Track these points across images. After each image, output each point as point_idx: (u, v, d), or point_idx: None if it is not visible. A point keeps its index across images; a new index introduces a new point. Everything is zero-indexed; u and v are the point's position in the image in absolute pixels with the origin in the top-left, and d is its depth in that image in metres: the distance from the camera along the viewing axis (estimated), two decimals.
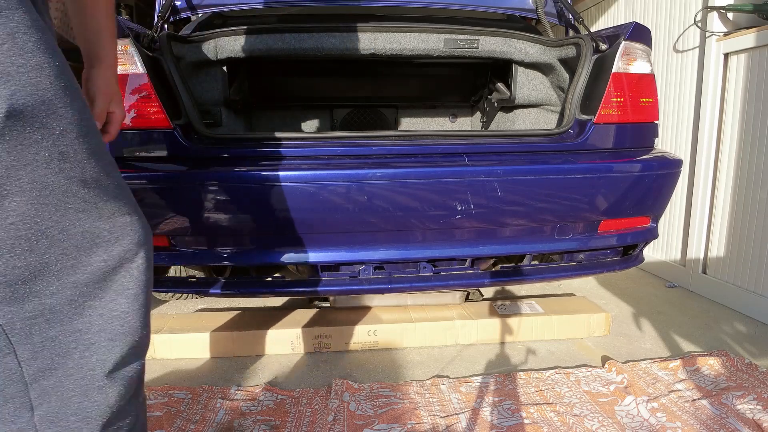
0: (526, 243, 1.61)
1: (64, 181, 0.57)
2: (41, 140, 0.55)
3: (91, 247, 0.60)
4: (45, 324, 0.58)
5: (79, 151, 0.59)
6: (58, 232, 0.57)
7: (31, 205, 0.55)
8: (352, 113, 2.79)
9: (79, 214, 0.59)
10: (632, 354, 1.73)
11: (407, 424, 1.30)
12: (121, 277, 0.63)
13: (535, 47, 1.90)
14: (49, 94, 0.56)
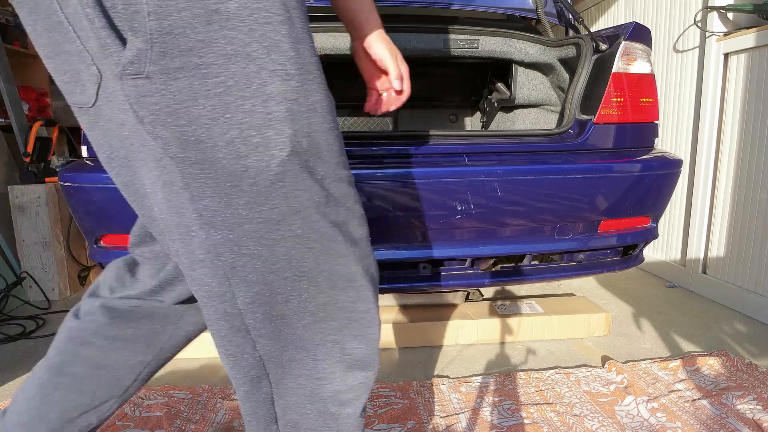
0: (526, 243, 1.61)
1: (328, 226, 0.57)
2: (311, 185, 0.54)
3: (345, 287, 0.61)
4: (293, 351, 0.61)
5: (336, 195, 0.58)
6: (317, 273, 0.58)
7: (298, 250, 0.56)
8: (352, 113, 2.80)
9: (339, 258, 0.59)
10: (632, 354, 1.73)
11: (407, 424, 1.30)
12: (364, 316, 0.64)
13: (535, 47, 1.90)
14: (318, 137, 0.54)
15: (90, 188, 1.43)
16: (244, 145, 0.50)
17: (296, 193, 0.53)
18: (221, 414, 1.36)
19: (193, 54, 0.46)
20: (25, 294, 2.33)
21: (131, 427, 1.30)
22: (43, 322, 2.08)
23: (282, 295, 0.57)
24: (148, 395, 1.45)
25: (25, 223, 2.33)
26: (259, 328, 0.59)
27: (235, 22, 0.47)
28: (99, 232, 1.52)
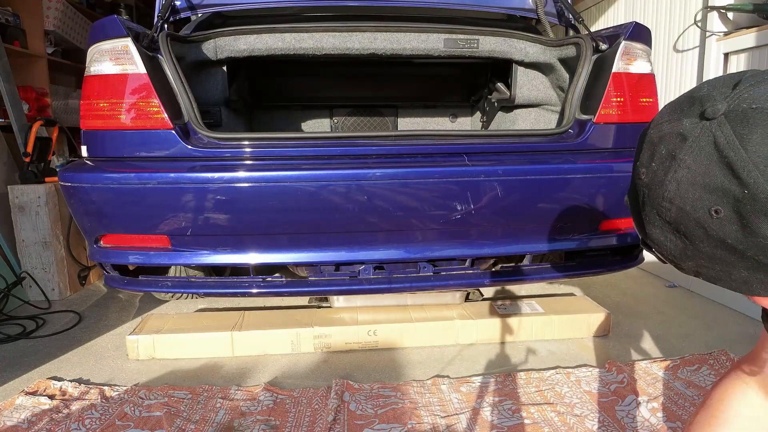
0: (526, 243, 1.61)
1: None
2: None
3: None
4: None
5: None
6: None
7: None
8: (352, 113, 2.79)
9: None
10: (632, 354, 1.73)
11: (407, 424, 1.30)
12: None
13: (535, 47, 1.90)
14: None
15: (90, 188, 1.43)
16: None
17: None
18: (221, 414, 1.36)
19: None
20: (25, 294, 2.33)
21: (131, 427, 1.30)
22: (43, 322, 2.08)
23: None
24: (148, 395, 1.45)
25: (25, 223, 2.33)
26: None
27: None
28: (99, 232, 1.52)
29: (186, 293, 2.17)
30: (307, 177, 1.40)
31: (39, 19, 3.28)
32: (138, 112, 1.42)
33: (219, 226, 1.45)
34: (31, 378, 1.59)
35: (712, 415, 0.75)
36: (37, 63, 3.30)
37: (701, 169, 0.44)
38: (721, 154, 0.43)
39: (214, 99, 1.91)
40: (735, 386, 0.74)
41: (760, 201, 0.41)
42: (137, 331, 1.76)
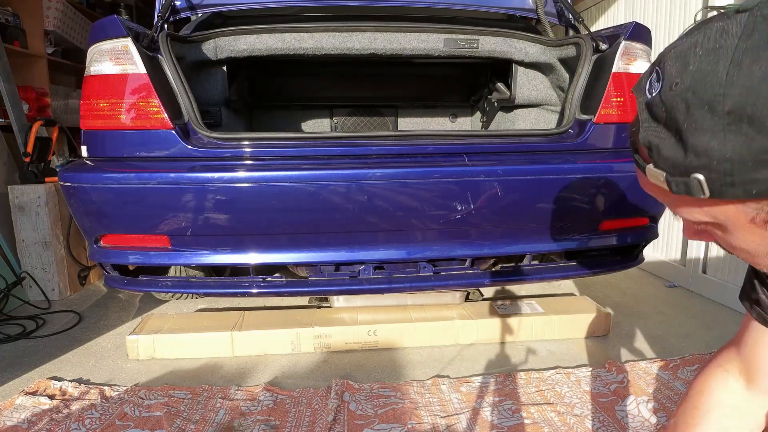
0: (526, 243, 1.61)
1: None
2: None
3: None
4: None
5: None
6: None
7: None
8: (352, 113, 2.79)
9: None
10: (632, 354, 1.73)
11: (407, 424, 1.30)
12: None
13: (535, 47, 1.90)
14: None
15: (90, 188, 1.43)
16: None
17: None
18: (221, 414, 1.36)
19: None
20: (25, 294, 2.33)
21: (131, 427, 1.30)
22: (43, 322, 2.08)
23: None
24: (148, 395, 1.45)
25: (25, 223, 2.33)
26: None
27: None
28: (99, 232, 1.52)
29: (186, 293, 2.17)
30: (307, 177, 1.40)
31: (39, 19, 3.28)
32: (138, 112, 1.42)
33: (219, 226, 1.45)
34: (31, 378, 1.59)
35: (694, 406, 0.75)
36: (37, 63, 3.29)
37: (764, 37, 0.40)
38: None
39: (214, 99, 1.91)
40: (716, 375, 0.75)
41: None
42: (137, 331, 1.76)
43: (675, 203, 0.50)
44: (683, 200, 0.48)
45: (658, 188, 0.49)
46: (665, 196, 0.50)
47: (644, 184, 0.52)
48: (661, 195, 0.51)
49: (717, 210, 0.47)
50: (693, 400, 0.75)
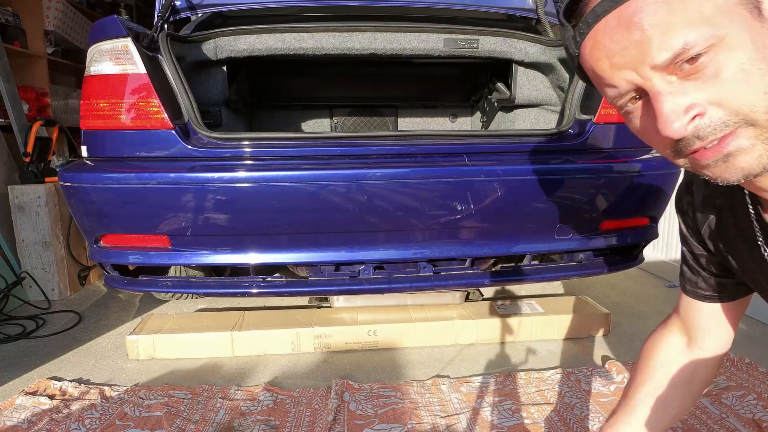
0: (526, 243, 1.61)
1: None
2: None
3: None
4: None
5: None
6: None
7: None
8: (352, 113, 2.79)
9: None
10: (632, 354, 1.73)
11: (407, 424, 1.30)
12: None
13: (535, 47, 1.90)
14: None
15: (90, 188, 1.43)
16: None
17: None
18: (221, 414, 1.36)
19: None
20: (25, 294, 2.33)
21: (131, 427, 1.30)
22: (43, 322, 2.08)
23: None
24: (148, 395, 1.45)
25: (25, 223, 2.33)
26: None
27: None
28: (99, 232, 1.52)
29: (186, 293, 2.17)
30: (307, 177, 1.40)
31: (39, 19, 3.28)
32: (138, 112, 1.42)
33: (219, 226, 1.45)
34: (31, 378, 1.59)
35: (646, 362, 0.86)
36: (37, 63, 3.30)
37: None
38: None
39: (214, 99, 1.91)
40: (663, 335, 0.87)
41: None
42: (137, 331, 1.76)
43: (680, 11, 0.48)
44: (687, 3, 0.48)
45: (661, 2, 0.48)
46: (668, 6, 0.48)
47: (649, 17, 0.49)
48: (665, 10, 0.48)
49: (718, 6, 0.48)
50: (645, 357, 0.87)
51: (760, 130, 0.49)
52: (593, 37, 0.53)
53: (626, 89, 0.53)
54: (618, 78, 0.52)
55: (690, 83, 0.50)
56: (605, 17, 0.51)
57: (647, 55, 0.50)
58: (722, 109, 0.49)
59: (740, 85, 0.48)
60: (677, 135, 0.50)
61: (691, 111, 0.49)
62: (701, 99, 0.49)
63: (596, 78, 0.56)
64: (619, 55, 0.51)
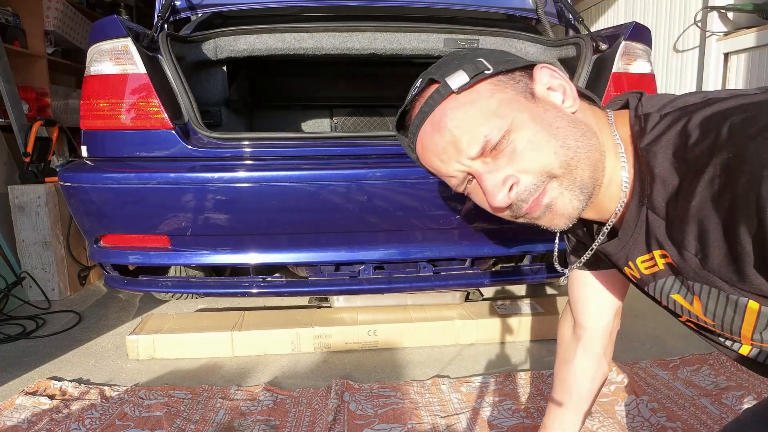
0: (527, 243, 1.61)
1: None
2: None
3: None
4: None
5: None
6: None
7: None
8: (352, 113, 2.79)
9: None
10: (632, 354, 1.73)
11: (408, 424, 1.30)
12: None
13: (535, 47, 1.90)
14: None
15: (90, 188, 1.43)
16: None
17: None
18: (221, 414, 1.36)
19: None
20: (25, 294, 2.33)
21: (131, 427, 1.30)
22: (43, 322, 2.08)
23: None
24: (148, 395, 1.45)
25: (25, 223, 2.33)
26: None
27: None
28: (99, 232, 1.52)
29: (186, 293, 2.17)
30: (307, 177, 1.40)
31: (39, 19, 3.29)
32: (138, 112, 1.42)
33: (219, 226, 1.45)
34: (31, 378, 1.59)
35: (559, 343, 1.01)
36: (37, 63, 3.30)
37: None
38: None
39: (214, 99, 1.91)
40: (564, 317, 1.01)
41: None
42: (137, 331, 1.76)
43: (478, 114, 0.62)
44: (481, 100, 0.62)
45: (464, 108, 0.63)
46: (471, 112, 0.62)
47: (457, 121, 0.63)
48: (469, 115, 0.62)
49: (504, 98, 0.62)
50: (558, 333, 1.02)
51: (560, 180, 0.63)
52: (420, 142, 0.67)
53: (461, 177, 0.66)
54: (450, 170, 0.66)
55: (501, 161, 0.63)
56: (422, 126, 0.65)
57: (462, 151, 0.63)
58: (529, 174, 0.62)
59: (534, 153, 0.62)
60: (503, 204, 0.63)
61: (508, 182, 0.62)
62: (512, 171, 0.62)
63: (437, 173, 0.69)
64: (443, 154, 0.65)
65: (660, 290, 0.70)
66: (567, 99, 0.66)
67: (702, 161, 0.54)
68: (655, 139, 0.60)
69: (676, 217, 0.58)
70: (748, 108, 0.54)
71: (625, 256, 0.70)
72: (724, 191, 0.52)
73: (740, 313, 0.61)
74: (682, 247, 0.59)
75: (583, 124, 0.65)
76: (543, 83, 0.66)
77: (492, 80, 0.64)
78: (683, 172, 0.57)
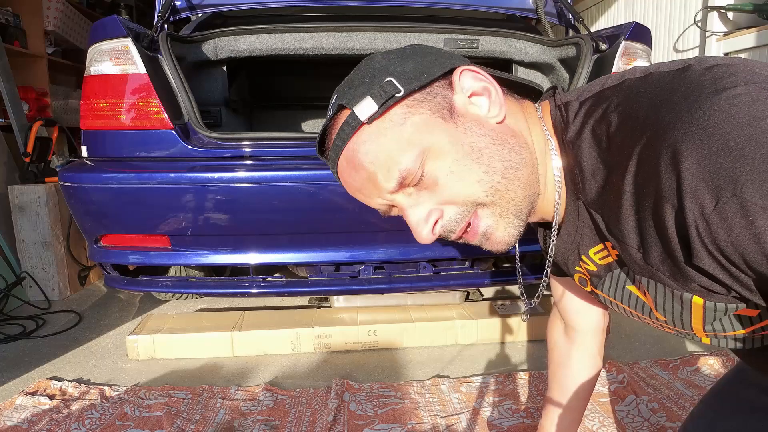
0: (527, 243, 1.61)
1: None
2: None
3: None
4: None
5: None
6: None
7: None
8: None
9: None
10: (632, 354, 1.73)
11: (408, 424, 1.30)
12: None
13: (535, 47, 1.90)
14: None
15: (90, 188, 1.43)
16: None
17: None
18: (221, 414, 1.36)
19: None
20: (25, 294, 2.33)
21: (131, 427, 1.30)
22: (43, 322, 2.08)
23: None
24: (148, 395, 1.45)
25: (25, 223, 2.33)
26: None
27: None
28: (99, 232, 1.52)
29: (186, 293, 2.17)
30: (307, 177, 1.40)
31: (39, 19, 3.29)
32: (138, 112, 1.42)
33: (219, 226, 1.45)
34: (31, 378, 1.59)
35: (552, 347, 0.99)
36: (37, 63, 3.30)
37: None
38: None
39: (214, 99, 1.91)
40: (553, 319, 0.99)
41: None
42: (137, 331, 1.76)
43: (392, 146, 0.57)
44: (394, 129, 0.57)
45: (376, 142, 0.57)
46: (383, 145, 0.57)
47: (370, 158, 0.58)
48: (382, 149, 0.57)
49: (417, 123, 0.57)
50: (548, 337, 1.00)
51: (492, 208, 0.59)
52: (341, 176, 0.63)
53: (385, 208, 0.63)
54: (374, 203, 0.62)
55: (423, 194, 0.59)
56: (339, 160, 0.61)
57: (381, 187, 0.59)
58: (454, 205, 0.59)
59: (456, 183, 0.57)
60: (429, 240, 0.60)
61: (431, 217, 0.59)
62: (434, 204, 0.59)
63: (363, 202, 0.65)
64: (363, 189, 0.61)
65: (616, 283, 0.66)
66: (492, 106, 0.60)
67: (625, 150, 0.51)
68: (578, 130, 0.58)
69: (612, 210, 0.55)
70: (662, 86, 0.51)
71: (577, 250, 0.67)
72: (649, 180, 0.49)
73: (687, 308, 0.58)
74: (623, 242, 0.55)
75: (510, 135, 0.60)
76: (464, 90, 0.60)
77: (405, 102, 0.57)
78: (610, 163, 0.54)
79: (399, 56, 0.61)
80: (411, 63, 0.59)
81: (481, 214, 0.60)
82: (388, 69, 0.59)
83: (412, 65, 0.59)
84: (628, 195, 0.52)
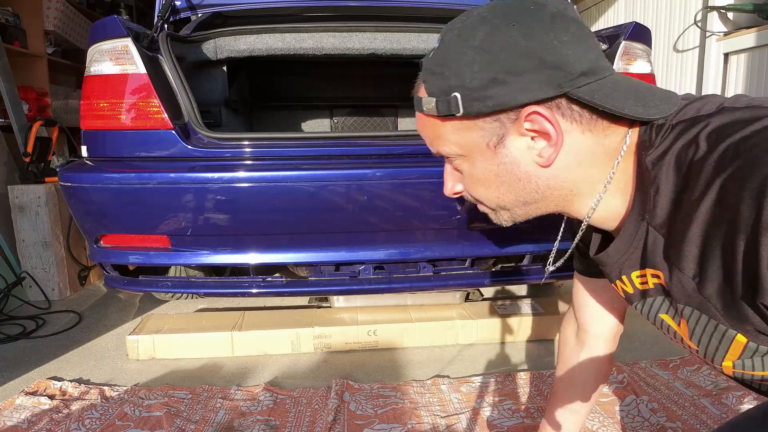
0: (527, 243, 1.61)
1: None
2: None
3: None
4: None
5: None
6: None
7: None
8: (352, 113, 2.79)
9: None
10: (632, 354, 1.73)
11: (408, 424, 1.30)
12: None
13: None
14: None
15: (90, 188, 1.43)
16: None
17: None
18: (221, 414, 1.36)
19: None
20: (25, 294, 2.33)
21: (131, 427, 1.30)
22: (43, 322, 2.08)
23: None
24: (148, 395, 1.45)
25: (25, 223, 2.33)
26: None
27: None
28: (99, 232, 1.52)
29: (186, 293, 2.17)
30: (307, 177, 1.40)
31: (39, 19, 3.29)
32: (138, 112, 1.42)
33: (219, 226, 1.45)
34: (31, 378, 1.59)
35: (562, 346, 1.01)
36: (37, 63, 3.30)
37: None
38: None
39: (214, 99, 1.91)
40: (567, 318, 1.01)
41: None
42: (137, 331, 1.76)
43: (438, 135, 0.65)
44: (444, 128, 0.63)
45: (430, 123, 0.64)
46: (433, 129, 0.65)
47: (421, 126, 0.67)
48: (431, 130, 0.65)
49: (465, 137, 0.62)
50: (560, 341, 1.02)
51: (501, 211, 0.71)
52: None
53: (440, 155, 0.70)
54: (432, 149, 0.69)
55: (457, 173, 0.70)
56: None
57: (432, 148, 0.69)
58: (472, 197, 0.73)
59: (476, 188, 0.70)
60: (450, 195, 0.75)
61: (456, 188, 0.73)
62: (460, 189, 0.73)
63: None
64: (426, 139, 0.69)
65: (649, 308, 0.67)
66: (545, 150, 0.60)
67: (709, 177, 0.51)
68: (663, 152, 0.57)
69: (677, 235, 0.55)
70: (761, 122, 0.50)
71: (619, 269, 0.68)
72: (727, 209, 0.48)
73: (726, 344, 0.58)
74: (678, 269, 0.56)
75: (545, 178, 0.62)
76: (525, 132, 0.59)
77: (456, 122, 0.61)
78: (689, 187, 0.53)
79: (493, 53, 0.56)
80: (492, 74, 0.56)
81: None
82: (468, 72, 0.57)
83: (490, 80, 0.56)
84: (700, 221, 0.51)
